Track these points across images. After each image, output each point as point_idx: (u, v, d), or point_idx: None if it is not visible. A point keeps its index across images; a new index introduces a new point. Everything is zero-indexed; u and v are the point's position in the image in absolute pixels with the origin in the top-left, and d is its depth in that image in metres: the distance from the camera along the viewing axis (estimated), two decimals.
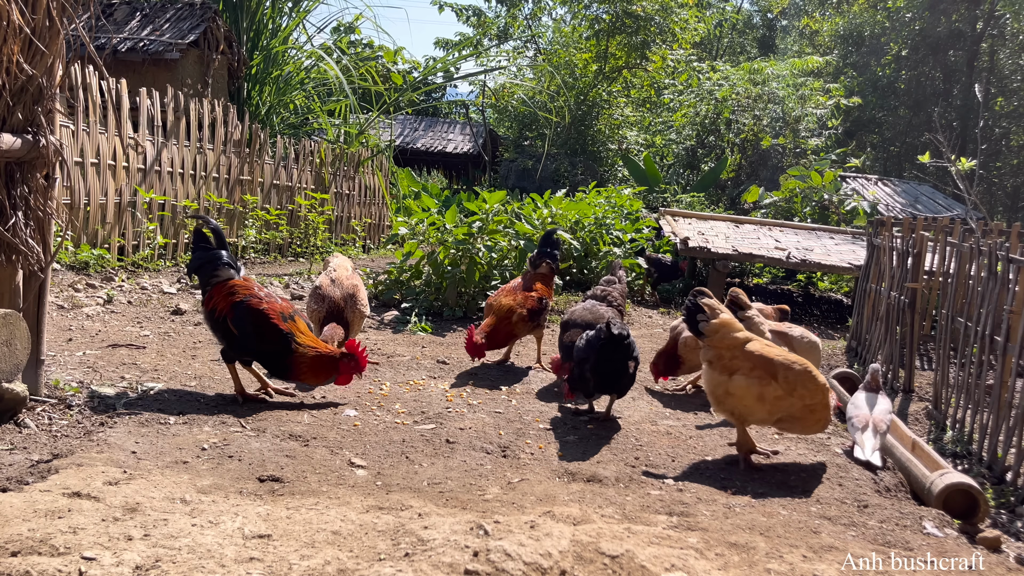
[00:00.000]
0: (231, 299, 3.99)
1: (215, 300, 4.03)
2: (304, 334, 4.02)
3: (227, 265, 4.13)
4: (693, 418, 4.51)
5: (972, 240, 4.90)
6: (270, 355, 3.98)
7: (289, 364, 3.96)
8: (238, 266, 4.21)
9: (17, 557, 2.14)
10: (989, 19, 27.44)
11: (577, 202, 9.67)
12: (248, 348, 3.99)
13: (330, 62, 13.08)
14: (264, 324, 3.94)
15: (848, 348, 7.05)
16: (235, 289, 4.03)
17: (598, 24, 18.75)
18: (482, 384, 4.87)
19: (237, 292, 4.02)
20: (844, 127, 24.35)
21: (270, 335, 3.93)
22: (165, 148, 8.43)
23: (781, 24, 32.87)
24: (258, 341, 3.95)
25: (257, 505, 2.68)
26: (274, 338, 3.93)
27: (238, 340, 3.97)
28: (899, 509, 3.27)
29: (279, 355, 3.95)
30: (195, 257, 4.18)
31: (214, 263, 4.12)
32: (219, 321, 4.00)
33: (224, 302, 4.00)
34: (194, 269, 4.17)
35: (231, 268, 4.14)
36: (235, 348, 4.02)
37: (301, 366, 3.97)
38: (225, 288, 4.04)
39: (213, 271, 4.10)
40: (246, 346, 3.98)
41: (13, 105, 3.28)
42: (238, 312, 3.95)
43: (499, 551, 2.36)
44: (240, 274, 4.18)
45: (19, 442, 3.19)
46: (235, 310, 3.96)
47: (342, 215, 12.66)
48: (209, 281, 4.09)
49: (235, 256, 9.48)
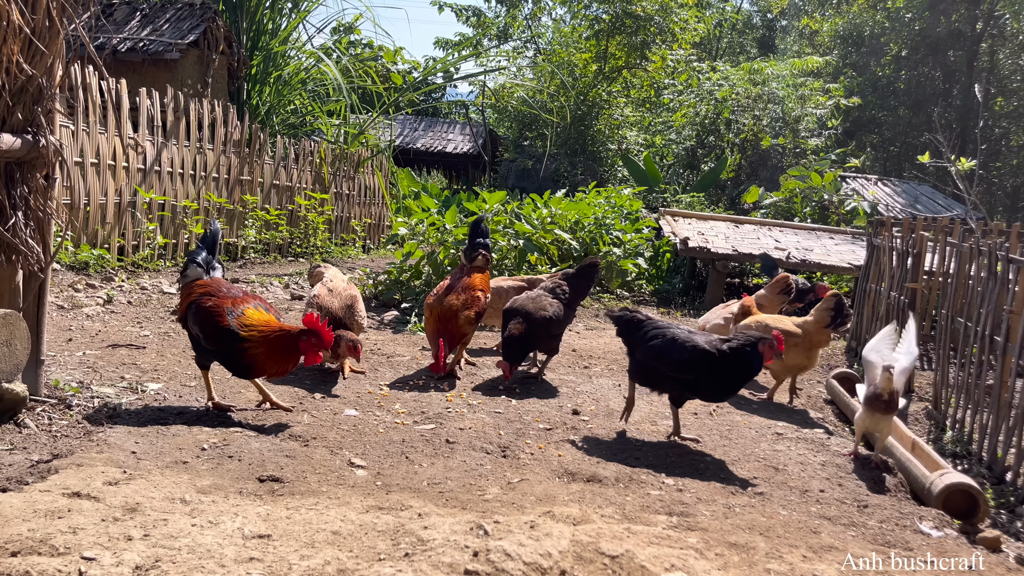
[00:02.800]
0: (188, 300, 3.88)
1: (181, 302, 3.97)
2: (253, 325, 3.71)
3: (196, 265, 4.00)
4: (693, 418, 4.51)
5: (972, 240, 4.90)
6: (222, 354, 3.74)
7: (242, 358, 3.69)
8: (213, 266, 4.06)
9: (17, 557, 2.14)
10: (989, 19, 27.43)
11: (577, 202, 9.67)
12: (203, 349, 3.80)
13: (329, 63, 13.08)
14: (208, 321, 3.71)
15: (848, 348, 7.05)
16: (193, 289, 3.91)
17: (598, 24, 18.75)
18: (482, 384, 4.87)
19: (194, 292, 3.89)
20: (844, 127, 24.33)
21: (213, 332, 3.70)
22: (165, 148, 8.43)
23: (781, 24, 32.87)
24: (206, 340, 3.74)
25: (257, 505, 2.68)
26: (218, 334, 3.69)
27: (195, 341, 3.84)
28: (899, 509, 3.27)
29: (230, 353, 3.70)
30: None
31: (186, 264, 4.04)
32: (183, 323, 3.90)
33: (183, 304, 3.91)
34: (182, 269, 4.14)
35: (199, 267, 3.99)
36: (197, 350, 3.88)
37: (256, 356, 3.68)
38: (186, 289, 3.95)
39: (183, 270, 4.02)
40: (200, 346, 3.81)
41: (13, 105, 3.28)
42: (190, 312, 3.82)
43: (499, 551, 2.36)
44: (215, 274, 4.03)
45: (19, 442, 3.18)
46: (188, 311, 3.84)
47: (342, 215, 12.66)
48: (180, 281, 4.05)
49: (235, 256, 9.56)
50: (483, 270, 5.22)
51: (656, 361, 3.89)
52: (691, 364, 3.78)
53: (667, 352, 3.84)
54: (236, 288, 3.98)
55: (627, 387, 4.35)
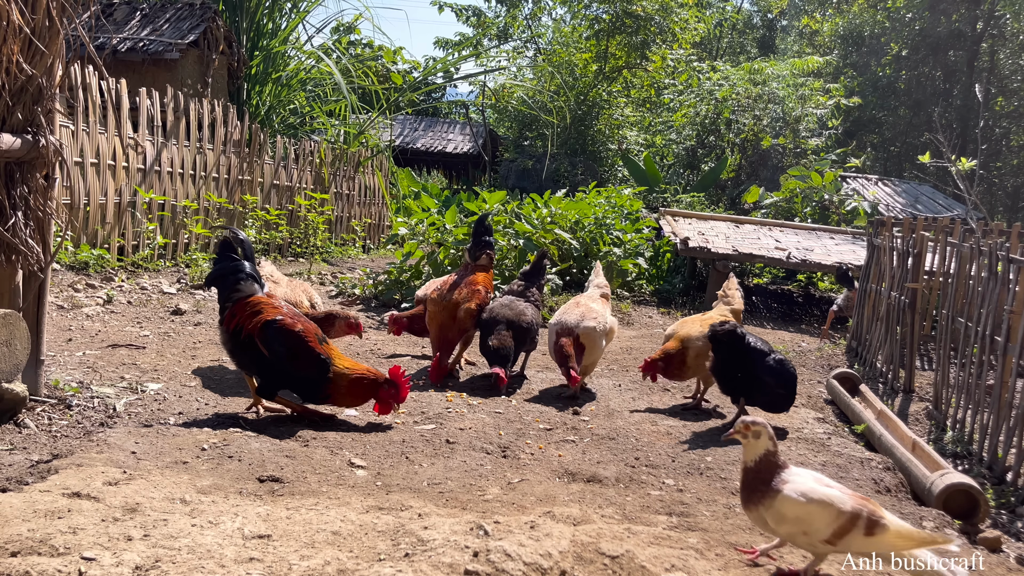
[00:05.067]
0: (259, 318, 3.65)
1: (239, 318, 3.69)
2: (341, 357, 3.73)
3: (251, 279, 3.81)
4: (693, 418, 4.51)
5: (972, 240, 4.90)
6: (305, 381, 3.65)
7: (326, 389, 3.65)
8: (262, 282, 3.92)
9: (17, 557, 2.14)
10: (989, 19, 27.43)
11: (577, 202, 9.66)
12: (281, 372, 3.65)
13: (329, 63, 13.08)
14: (300, 347, 3.60)
15: (848, 348, 7.05)
16: (262, 307, 3.70)
17: (598, 24, 18.74)
18: (482, 384, 4.87)
19: (265, 310, 3.68)
20: (844, 127, 24.33)
21: (306, 358, 3.60)
22: (165, 148, 8.43)
23: (781, 24, 32.84)
24: (292, 365, 3.61)
25: (257, 505, 2.68)
26: (311, 362, 3.61)
27: (268, 363, 3.64)
28: (899, 509, 3.26)
29: (315, 381, 3.64)
30: (217, 267, 3.87)
31: (236, 275, 3.79)
32: (244, 342, 3.65)
33: (250, 321, 3.65)
34: (213, 280, 3.87)
35: (255, 283, 3.82)
36: (265, 374, 3.70)
37: (340, 389, 3.66)
38: (249, 306, 3.71)
39: (235, 285, 3.76)
40: (278, 370, 3.64)
41: (13, 105, 3.27)
42: (269, 333, 3.61)
43: (499, 551, 2.36)
44: (264, 290, 3.88)
45: (19, 442, 3.18)
46: (266, 331, 3.62)
47: (342, 215, 12.66)
48: (230, 296, 3.77)
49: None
50: (487, 269, 5.24)
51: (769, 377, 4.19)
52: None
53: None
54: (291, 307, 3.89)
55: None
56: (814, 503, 2.36)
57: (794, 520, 2.37)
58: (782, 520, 2.40)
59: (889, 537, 2.29)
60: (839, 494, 2.39)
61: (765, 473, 2.46)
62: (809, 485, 2.42)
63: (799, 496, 2.38)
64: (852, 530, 2.31)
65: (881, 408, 4.64)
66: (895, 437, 4.13)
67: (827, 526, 2.34)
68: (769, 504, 2.42)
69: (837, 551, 2.39)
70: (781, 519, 2.40)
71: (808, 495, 2.38)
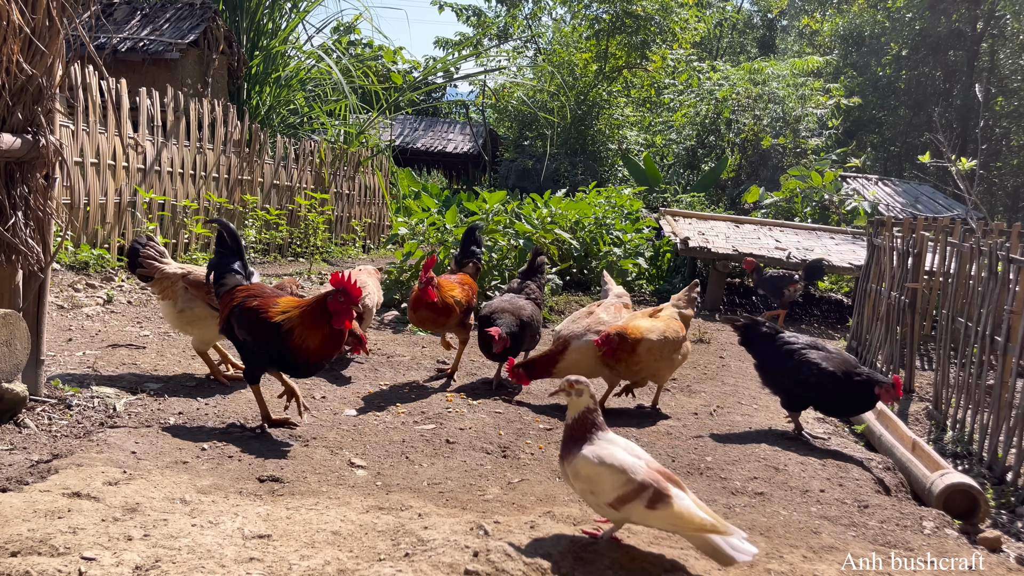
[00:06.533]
0: (231, 305, 3.74)
1: (222, 310, 3.81)
2: (284, 309, 3.60)
3: (234, 272, 3.88)
4: (693, 418, 4.51)
5: (972, 240, 4.90)
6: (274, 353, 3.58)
7: (293, 350, 3.52)
8: (250, 271, 3.97)
9: (17, 557, 2.14)
10: (989, 19, 27.42)
11: (577, 202, 9.66)
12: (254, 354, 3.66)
13: (329, 62, 13.09)
14: (254, 320, 3.59)
15: (848, 348, 7.05)
16: (235, 294, 3.78)
17: (598, 24, 18.74)
18: (482, 384, 4.87)
19: (236, 296, 3.76)
20: (844, 127, 24.33)
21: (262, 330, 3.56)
22: (165, 148, 8.43)
23: (781, 24, 32.83)
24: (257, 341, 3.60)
25: (257, 505, 2.68)
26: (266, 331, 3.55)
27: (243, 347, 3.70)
28: (899, 509, 3.26)
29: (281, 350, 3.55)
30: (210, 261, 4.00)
31: (222, 270, 3.88)
32: (226, 331, 3.77)
33: (226, 310, 3.77)
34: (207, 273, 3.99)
35: (238, 274, 3.88)
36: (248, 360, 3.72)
37: (303, 340, 3.51)
38: (229, 296, 3.81)
39: (221, 280, 3.87)
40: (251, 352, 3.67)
41: (13, 105, 3.27)
42: (234, 316, 3.69)
43: (499, 551, 2.36)
44: (253, 279, 3.92)
45: (19, 442, 3.18)
46: (232, 315, 3.71)
47: (342, 215, 12.66)
48: (219, 292, 3.87)
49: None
50: (474, 278, 5.24)
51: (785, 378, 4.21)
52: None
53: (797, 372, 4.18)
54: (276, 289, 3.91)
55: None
56: (605, 466, 2.45)
57: (585, 479, 2.48)
58: (576, 477, 2.51)
59: (670, 515, 2.38)
60: (636, 464, 2.46)
61: (580, 430, 2.56)
62: (608, 450, 2.50)
63: (593, 457, 2.48)
64: (635, 500, 2.40)
65: (881, 408, 4.64)
66: (895, 437, 4.13)
67: (613, 490, 2.42)
68: (571, 461, 2.53)
69: (621, 517, 2.48)
70: (576, 476, 2.51)
71: (603, 458, 2.47)
